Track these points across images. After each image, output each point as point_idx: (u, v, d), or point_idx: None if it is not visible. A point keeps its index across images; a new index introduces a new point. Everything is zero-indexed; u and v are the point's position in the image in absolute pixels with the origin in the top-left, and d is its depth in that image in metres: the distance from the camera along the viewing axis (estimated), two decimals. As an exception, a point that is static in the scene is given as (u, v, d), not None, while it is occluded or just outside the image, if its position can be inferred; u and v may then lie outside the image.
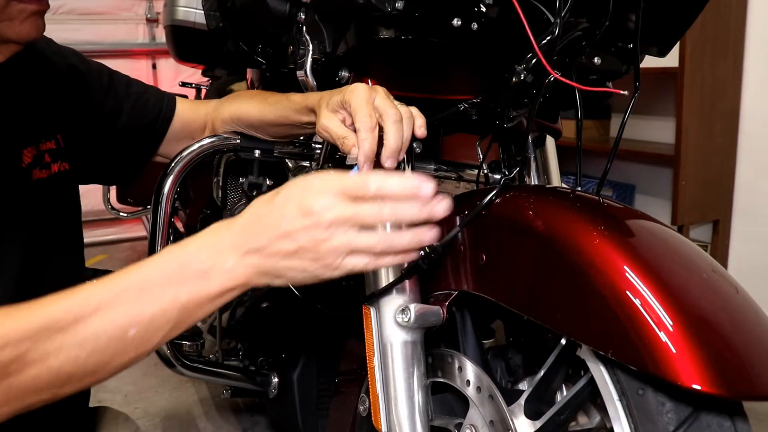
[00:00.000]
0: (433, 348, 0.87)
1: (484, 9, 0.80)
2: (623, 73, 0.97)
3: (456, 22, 0.79)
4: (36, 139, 0.88)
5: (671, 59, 1.37)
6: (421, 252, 0.81)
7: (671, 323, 0.58)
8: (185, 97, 1.23)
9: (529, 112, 0.86)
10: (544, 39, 0.79)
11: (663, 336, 0.58)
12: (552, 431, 0.72)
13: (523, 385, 0.86)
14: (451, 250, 0.82)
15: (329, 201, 0.62)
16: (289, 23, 0.88)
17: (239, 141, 1.05)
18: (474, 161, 1.10)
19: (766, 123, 2.36)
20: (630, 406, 0.63)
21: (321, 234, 0.62)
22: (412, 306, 0.80)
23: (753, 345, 0.60)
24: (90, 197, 3.74)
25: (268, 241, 0.63)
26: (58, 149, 0.91)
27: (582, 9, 0.82)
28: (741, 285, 0.67)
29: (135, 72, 1.11)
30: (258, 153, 1.05)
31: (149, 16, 3.88)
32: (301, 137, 1.08)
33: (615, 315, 0.61)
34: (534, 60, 0.81)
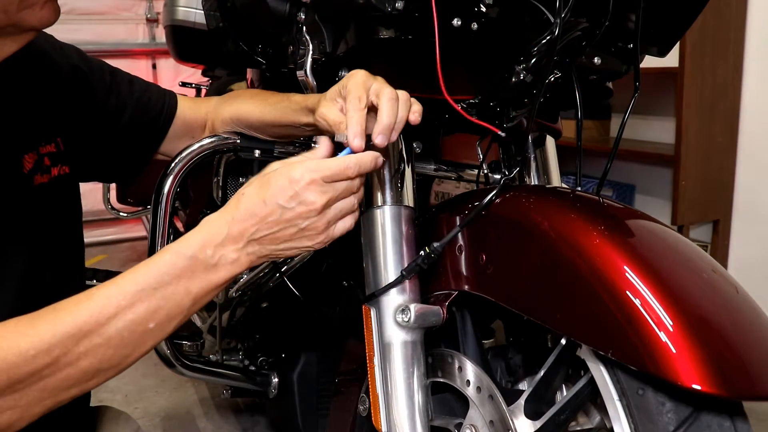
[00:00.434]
0: (433, 348, 0.86)
1: (484, 9, 0.80)
2: (623, 73, 0.97)
3: (456, 22, 0.79)
4: (36, 143, 0.88)
5: (671, 59, 1.37)
6: (422, 252, 0.81)
7: (671, 323, 0.58)
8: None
9: (529, 112, 0.86)
10: (543, 39, 0.79)
11: (663, 336, 0.58)
12: (552, 431, 0.72)
13: (523, 385, 0.86)
14: (451, 250, 0.82)
15: (318, 190, 0.70)
16: (289, 23, 0.88)
17: (239, 141, 1.05)
18: (474, 161, 1.10)
19: (766, 123, 2.36)
20: (630, 406, 0.62)
21: (315, 218, 0.71)
22: (412, 306, 0.80)
23: (753, 345, 0.60)
24: (90, 197, 3.74)
25: (266, 232, 0.71)
26: (58, 152, 0.91)
27: (582, 9, 0.82)
28: (741, 285, 0.67)
29: (135, 72, 1.10)
30: (258, 153, 1.05)
31: (149, 16, 3.88)
32: (301, 138, 1.08)
33: (615, 315, 0.61)
34: (534, 60, 0.81)
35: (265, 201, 0.70)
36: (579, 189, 0.84)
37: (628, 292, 0.61)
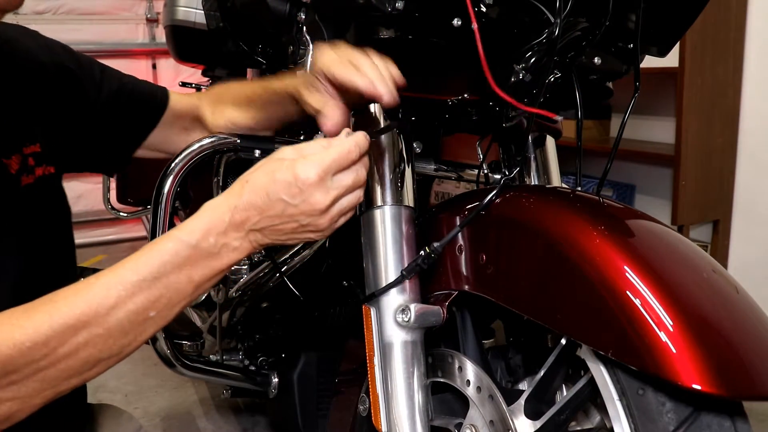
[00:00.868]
0: (433, 348, 0.86)
1: (484, 9, 0.80)
2: (623, 73, 0.97)
3: (456, 22, 0.79)
4: (20, 144, 0.87)
5: (671, 59, 1.37)
6: (422, 252, 0.81)
7: (671, 323, 0.58)
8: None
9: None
10: (543, 39, 0.79)
11: (663, 336, 0.58)
12: (552, 431, 0.72)
13: (523, 385, 0.86)
14: (451, 250, 0.82)
15: (325, 187, 0.69)
16: (289, 23, 0.88)
17: (239, 141, 1.05)
18: (474, 161, 1.10)
19: (765, 123, 2.36)
20: (630, 406, 0.63)
21: (318, 216, 0.70)
22: (412, 306, 0.80)
23: (753, 345, 0.60)
24: (90, 197, 3.74)
25: (267, 224, 0.70)
26: (42, 152, 0.90)
27: (582, 9, 0.82)
28: (741, 285, 0.67)
29: (135, 72, 1.10)
30: (258, 153, 1.05)
31: (149, 16, 3.88)
32: (301, 135, 1.08)
33: (615, 315, 0.61)
34: (533, 60, 0.81)
35: (269, 194, 0.69)
36: (579, 189, 0.84)
37: (628, 292, 0.61)
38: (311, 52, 0.85)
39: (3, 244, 0.81)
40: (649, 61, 1.02)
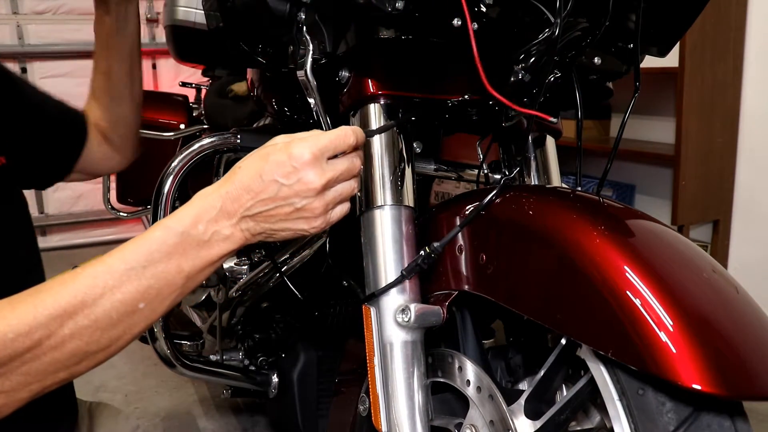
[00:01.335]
0: (433, 348, 0.86)
1: (484, 9, 0.80)
2: (623, 73, 0.97)
3: (456, 22, 0.79)
4: None
5: (671, 59, 1.37)
6: (422, 252, 0.81)
7: (671, 323, 0.58)
8: (185, 97, 1.22)
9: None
10: (543, 39, 0.79)
11: (663, 336, 0.58)
12: (552, 431, 0.72)
13: (523, 385, 0.86)
14: (451, 249, 0.82)
15: (319, 168, 0.68)
16: (289, 23, 0.88)
17: (239, 141, 1.05)
18: (474, 161, 1.10)
19: (765, 123, 2.36)
20: (630, 406, 0.62)
21: (312, 198, 0.68)
22: (412, 306, 0.80)
23: (753, 345, 0.60)
24: (90, 197, 3.74)
25: (261, 208, 0.68)
26: None
27: (582, 9, 0.82)
28: (741, 285, 0.67)
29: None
30: (258, 153, 1.05)
31: (149, 16, 3.87)
32: None
33: (615, 315, 0.61)
34: (533, 60, 0.81)
35: (262, 176, 0.68)
36: (579, 189, 0.84)
37: (628, 292, 0.61)
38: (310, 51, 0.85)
39: None
40: (649, 61, 1.02)
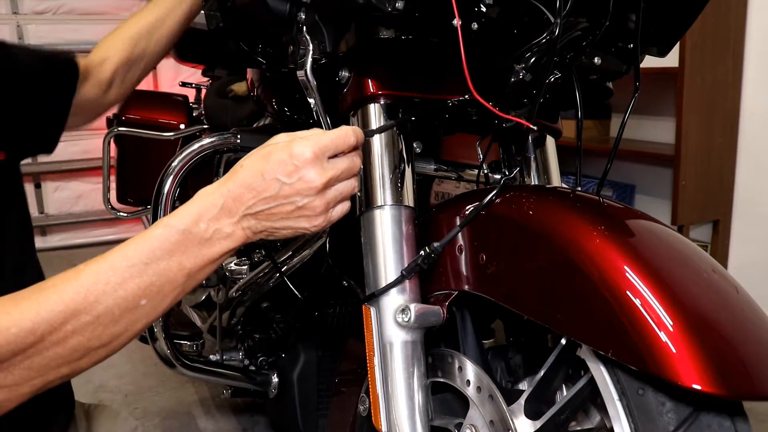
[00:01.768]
0: (433, 348, 0.86)
1: (484, 9, 0.80)
2: (623, 73, 0.97)
3: (455, 22, 0.79)
4: None
5: (671, 59, 1.37)
6: (422, 252, 0.81)
7: (671, 323, 0.58)
8: (185, 97, 1.22)
9: (529, 112, 0.86)
10: (543, 39, 0.79)
11: (663, 336, 0.58)
12: (552, 431, 0.72)
13: (523, 385, 0.86)
14: (451, 249, 0.82)
15: (320, 166, 0.69)
16: (289, 23, 0.88)
17: (239, 141, 1.05)
18: (474, 161, 1.10)
19: (766, 123, 2.36)
20: (630, 406, 0.62)
21: (314, 196, 0.69)
22: (412, 306, 0.80)
23: (753, 345, 0.60)
24: (90, 197, 3.74)
25: (262, 207, 0.69)
26: None
27: (582, 9, 0.82)
28: (741, 285, 0.67)
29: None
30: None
31: (149, 15, 3.87)
32: None
33: (615, 315, 0.61)
34: (533, 60, 0.81)
35: (264, 174, 0.68)
36: (579, 189, 0.84)
37: (628, 292, 0.61)
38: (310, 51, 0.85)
39: None
40: (649, 61, 1.02)
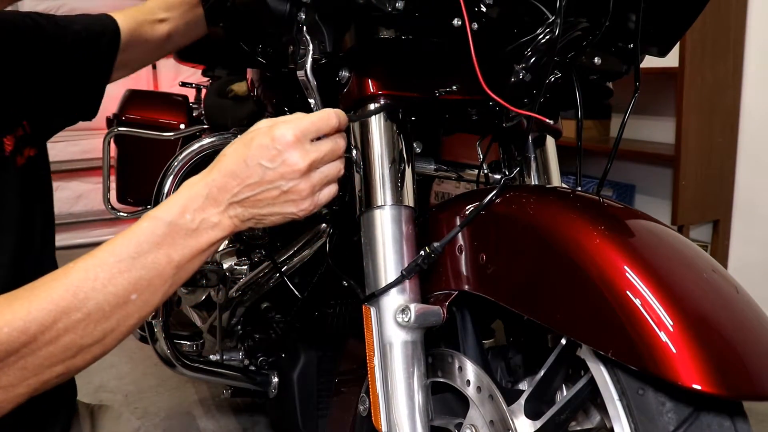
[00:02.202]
0: (433, 348, 0.87)
1: (484, 9, 0.80)
2: (623, 73, 0.97)
3: (456, 22, 0.79)
4: (13, 126, 0.87)
5: (671, 59, 1.37)
6: (422, 252, 0.81)
7: (671, 323, 0.58)
8: (185, 97, 1.21)
9: (531, 110, 0.86)
10: (543, 39, 0.79)
11: (663, 336, 0.58)
12: (552, 431, 0.72)
13: (523, 385, 0.86)
14: (451, 249, 0.82)
15: (303, 149, 0.68)
16: (289, 23, 0.88)
17: (239, 141, 1.05)
18: (474, 161, 1.10)
19: (765, 123, 2.36)
20: (630, 406, 0.62)
21: (298, 179, 0.69)
22: (412, 306, 0.80)
23: (753, 345, 0.60)
24: (90, 197, 3.74)
25: (248, 193, 0.69)
26: (25, 135, 0.90)
27: (582, 9, 0.82)
28: (741, 285, 0.67)
29: (135, 74, 1.11)
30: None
31: (149, 16, 3.87)
32: None
33: (615, 315, 0.61)
34: (533, 60, 0.81)
35: (247, 161, 0.68)
36: (579, 189, 0.84)
37: (628, 292, 0.61)
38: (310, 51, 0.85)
39: (2, 222, 0.82)
40: (649, 61, 1.02)
